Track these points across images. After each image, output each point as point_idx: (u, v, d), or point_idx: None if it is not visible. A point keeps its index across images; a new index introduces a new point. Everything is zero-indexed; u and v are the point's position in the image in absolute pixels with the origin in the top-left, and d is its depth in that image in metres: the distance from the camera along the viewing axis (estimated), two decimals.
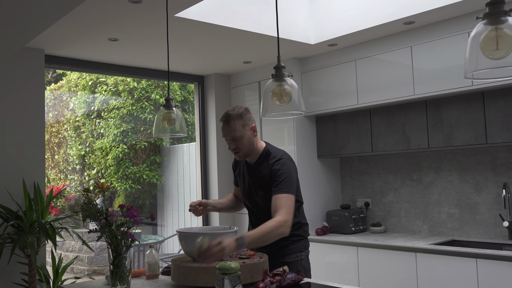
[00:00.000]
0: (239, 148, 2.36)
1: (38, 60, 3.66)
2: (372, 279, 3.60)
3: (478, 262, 3.04)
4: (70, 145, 8.77)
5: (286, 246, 2.39)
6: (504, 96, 3.27)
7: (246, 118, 2.37)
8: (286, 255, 2.39)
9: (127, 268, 2.07)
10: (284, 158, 2.38)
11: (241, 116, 2.35)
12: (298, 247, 2.43)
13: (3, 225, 3.31)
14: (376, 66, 3.85)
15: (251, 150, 2.40)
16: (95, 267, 7.48)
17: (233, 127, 2.33)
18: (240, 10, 3.47)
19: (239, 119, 2.34)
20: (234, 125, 2.33)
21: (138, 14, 3.02)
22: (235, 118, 2.34)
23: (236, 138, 2.34)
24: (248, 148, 2.38)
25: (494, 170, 3.57)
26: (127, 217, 2.06)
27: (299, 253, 2.42)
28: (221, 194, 4.77)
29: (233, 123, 2.33)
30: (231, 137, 2.35)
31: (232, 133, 2.33)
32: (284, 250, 2.39)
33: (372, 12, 3.55)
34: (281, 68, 1.95)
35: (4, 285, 3.35)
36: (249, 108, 2.53)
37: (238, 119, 2.34)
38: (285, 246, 2.39)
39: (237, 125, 2.33)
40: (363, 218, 4.23)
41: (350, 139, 4.18)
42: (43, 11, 2.61)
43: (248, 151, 2.39)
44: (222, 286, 1.76)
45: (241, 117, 2.35)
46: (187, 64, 4.47)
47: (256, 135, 2.42)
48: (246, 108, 2.41)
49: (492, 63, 1.38)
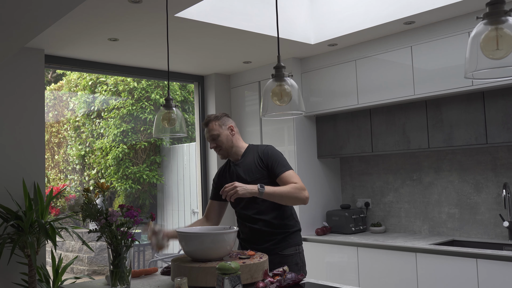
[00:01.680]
0: (219, 146, 2.59)
1: (38, 60, 3.66)
2: (372, 279, 3.60)
3: (478, 262, 3.04)
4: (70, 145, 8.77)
5: (284, 240, 2.52)
6: (504, 96, 3.27)
7: (223, 119, 2.63)
8: (285, 249, 2.51)
9: (127, 268, 2.06)
10: (271, 145, 2.63)
11: (217, 118, 2.62)
12: (296, 240, 2.57)
13: (3, 225, 3.30)
14: (376, 66, 3.85)
15: (230, 147, 2.61)
16: (95, 267, 7.48)
17: (211, 127, 2.60)
18: (240, 10, 3.47)
19: (215, 120, 2.61)
20: (212, 125, 2.60)
21: (138, 14, 3.02)
22: (212, 120, 2.61)
23: (214, 137, 2.59)
24: (227, 144, 2.60)
25: (494, 170, 3.56)
26: (127, 217, 2.06)
27: (297, 246, 2.56)
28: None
29: (210, 124, 2.60)
30: (210, 136, 2.59)
31: (210, 132, 2.59)
32: (283, 244, 2.51)
33: (372, 12, 3.55)
34: (281, 68, 1.94)
35: (4, 285, 3.35)
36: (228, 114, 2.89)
37: (214, 120, 2.61)
38: (283, 240, 2.52)
39: (214, 125, 2.59)
40: (363, 218, 4.22)
41: (350, 139, 4.17)
42: (43, 11, 2.61)
43: (228, 147, 2.60)
44: (222, 286, 1.76)
45: (218, 118, 2.62)
46: (187, 64, 4.46)
47: (235, 134, 2.64)
48: (225, 113, 2.69)
49: (492, 63, 1.38)
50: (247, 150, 2.63)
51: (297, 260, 2.53)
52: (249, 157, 2.59)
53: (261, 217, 2.51)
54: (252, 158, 2.58)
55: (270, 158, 2.52)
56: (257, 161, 2.55)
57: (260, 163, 2.53)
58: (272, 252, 2.47)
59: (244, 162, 2.59)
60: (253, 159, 2.56)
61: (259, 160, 2.55)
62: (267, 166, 2.51)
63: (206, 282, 1.96)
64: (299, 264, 2.53)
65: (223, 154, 2.63)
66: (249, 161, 2.58)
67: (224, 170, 2.71)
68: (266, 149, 2.58)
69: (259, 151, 2.58)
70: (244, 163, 2.59)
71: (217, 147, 2.60)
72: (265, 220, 2.51)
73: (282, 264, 2.45)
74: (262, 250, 2.49)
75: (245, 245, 2.62)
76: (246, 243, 2.61)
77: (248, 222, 2.56)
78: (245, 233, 2.62)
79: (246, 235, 2.60)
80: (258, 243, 2.53)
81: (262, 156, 2.55)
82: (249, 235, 2.58)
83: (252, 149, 2.63)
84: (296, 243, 2.56)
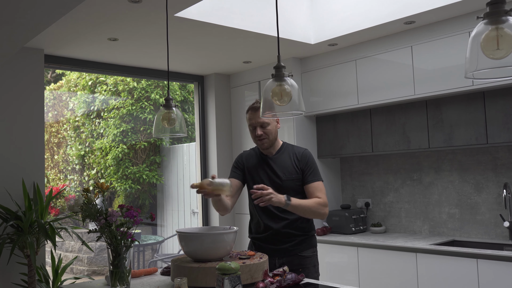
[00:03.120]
0: (266, 135, 2.51)
1: (37, 60, 3.65)
2: (373, 280, 3.59)
3: (479, 262, 3.04)
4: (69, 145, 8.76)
5: (304, 242, 2.54)
6: (505, 96, 3.27)
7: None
8: (304, 250, 2.53)
9: (127, 268, 2.06)
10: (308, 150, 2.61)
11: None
12: (313, 243, 2.59)
13: (2, 225, 3.30)
14: (376, 66, 3.84)
15: (275, 139, 2.55)
16: (95, 267, 7.47)
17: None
18: (240, 10, 3.47)
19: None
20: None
21: (137, 14, 3.02)
22: None
23: (264, 125, 2.50)
24: (273, 136, 2.54)
25: (495, 170, 3.56)
26: (126, 217, 2.06)
27: (314, 248, 2.58)
28: None
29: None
30: (260, 122, 2.49)
31: (261, 118, 2.47)
32: (303, 245, 2.53)
33: (372, 12, 3.54)
34: (281, 68, 1.94)
35: (3, 285, 3.35)
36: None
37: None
38: (303, 242, 2.53)
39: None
40: (363, 218, 4.22)
41: (350, 139, 4.17)
42: (42, 10, 2.61)
43: (273, 139, 2.54)
44: (222, 286, 1.75)
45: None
46: (187, 64, 4.46)
47: (279, 127, 2.59)
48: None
49: (492, 63, 1.38)
50: (283, 147, 2.60)
51: (315, 262, 2.56)
52: (284, 155, 2.56)
53: (286, 216, 2.49)
54: (288, 156, 2.55)
55: (307, 163, 2.51)
56: (294, 161, 2.53)
57: (297, 164, 2.52)
58: (291, 253, 2.48)
59: (280, 158, 2.56)
60: (289, 158, 2.54)
61: (296, 160, 2.53)
62: (302, 169, 2.51)
63: (206, 282, 1.96)
64: (316, 265, 2.56)
65: (268, 144, 2.54)
66: (285, 159, 2.54)
67: (253, 158, 2.62)
68: (305, 153, 2.55)
69: (297, 152, 2.55)
70: (279, 159, 2.56)
71: (263, 136, 2.51)
72: (289, 220, 2.49)
73: (302, 265, 2.47)
74: (281, 251, 2.48)
75: (259, 245, 2.55)
76: (261, 242, 2.55)
77: (270, 221, 2.50)
78: (260, 232, 2.56)
79: (262, 234, 2.55)
80: (276, 243, 2.50)
81: (300, 158, 2.52)
82: (267, 235, 2.53)
83: (288, 147, 2.60)
84: (314, 245, 2.58)
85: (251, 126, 2.54)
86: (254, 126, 2.52)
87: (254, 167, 2.59)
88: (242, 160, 2.66)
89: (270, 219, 2.51)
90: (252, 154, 2.65)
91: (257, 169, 2.56)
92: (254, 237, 2.61)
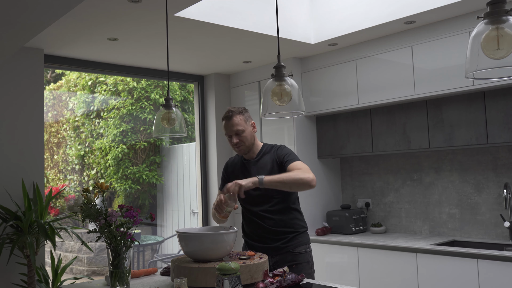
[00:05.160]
0: (242, 142, 2.52)
1: (37, 60, 3.65)
2: (373, 280, 3.59)
3: (479, 262, 3.03)
4: (69, 145, 8.76)
5: (295, 238, 2.52)
6: (505, 96, 3.26)
7: (247, 114, 2.56)
8: (297, 247, 2.52)
9: (127, 268, 2.06)
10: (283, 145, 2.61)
11: (242, 112, 2.54)
12: (306, 239, 2.58)
13: (2, 226, 3.30)
14: (376, 66, 3.84)
15: (252, 144, 2.56)
16: (95, 267, 7.47)
17: (236, 121, 2.51)
18: (240, 9, 3.47)
19: (240, 115, 2.53)
20: (237, 120, 2.51)
21: (137, 14, 3.01)
22: (237, 113, 2.52)
23: (239, 132, 2.51)
24: (250, 142, 2.54)
25: (495, 170, 3.56)
26: (126, 218, 2.05)
27: (307, 244, 2.57)
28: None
29: (235, 118, 2.51)
30: (235, 131, 2.51)
31: (235, 127, 2.50)
32: (294, 242, 2.51)
33: (373, 12, 3.54)
34: (281, 68, 1.94)
35: (3, 285, 3.34)
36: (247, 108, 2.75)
37: (239, 114, 2.53)
38: (294, 238, 2.52)
39: (239, 120, 2.52)
40: (363, 218, 4.22)
41: (351, 139, 4.17)
42: (42, 10, 2.60)
43: (250, 145, 2.55)
44: (222, 286, 1.75)
45: (242, 113, 2.54)
46: (187, 64, 4.46)
47: (255, 131, 2.59)
48: (245, 107, 2.61)
49: (493, 63, 1.37)
50: (263, 149, 2.60)
51: (308, 258, 2.55)
52: (264, 157, 2.56)
53: (272, 216, 2.50)
54: (268, 158, 2.55)
55: (282, 154, 2.51)
56: (274, 161, 2.52)
57: (277, 162, 2.51)
58: (284, 250, 2.48)
59: (260, 161, 2.56)
60: (269, 159, 2.54)
61: (276, 158, 2.52)
62: (280, 162, 2.50)
63: (206, 282, 1.95)
64: (310, 262, 2.55)
65: (244, 150, 2.55)
66: (265, 161, 2.54)
67: (236, 165, 2.65)
68: (280, 147, 2.57)
69: (274, 150, 2.56)
70: (259, 162, 2.56)
71: (240, 143, 2.52)
72: (276, 218, 2.50)
73: (295, 261, 2.47)
74: (273, 249, 2.48)
75: (252, 244, 2.57)
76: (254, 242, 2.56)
77: (260, 220, 2.52)
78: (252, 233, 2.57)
79: (254, 234, 2.57)
80: (267, 242, 2.51)
81: (277, 155, 2.53)
82: (258, 235, 2.55)
83: (267, 149, 2.59)
84: (306, 241, 2.58)
85: (227, 135, 2.56)
86: (229, 135, 2.54)
87: (235, 174, 2.62)
88: (227, 170, 2.71)
89: (259, 219, 2.53)
90: (236, 160, 2.69)
91: (239, 176, 2.57)
92: (246, 238, 2.64)
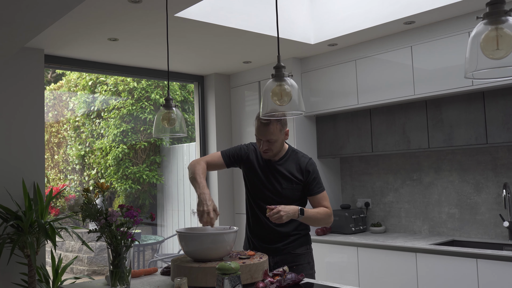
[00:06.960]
0: (271, 149, 2.44)
1: (37, 60, 3.65)
2: (372, 279, 3.59)
3: (479, 262, 3.04)
4: (69, 145, 8.76)
5: (297, 240, 2.53)
6: (505, 96, 3.27)
7: (284, 121, 2.44)
8: (298, 248, 2.53)
9: (127, 268, 2.06)
10: (312, 159, 2.56)
11: (280, 120, 2.40)
12: (307, 240, 2.58)
13: (2, 225, 3.30)
14: (376, 66, 3.84)
15: (278, 151, 2.49)
16: (95, 267, 7.47)
17: (272, 130, 2.39)
18: (240, 10, 3.47)
19: (278, 123, 2.40)
20: (273, 128, 2.39)
21: (138, 14, 3.02)
22: (275, 121, 2.38)
23: (271, 141, 2.41)
24: (278, 149, 2.47)
25: (495, 170, 3.56)
26: (126, 217, 2.06)
27: (308, 245, 2.58)
28: (221, 194, 4.77)
29: (272, 126, 2.39)
30: (267, 139, 2.40)
31: (269, 135, 2.39)
32: (295, 244, 2.52)
33: (372, 12, 3.55)
34: (281, 68, 1.94)
35: (3, 285, 3.35)
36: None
37: (277, 123, 2.39)
38: (295, 240, 2.53)
39: (275, 129, 2.40)
40: (363, 218, 4.22)
41: (350, 139, 4.17)
42: (42, 10, 2.61)
43: (276, 152, 2.48)
44: (222, 286, 1.75)
45: (280, 120, 2.40)
46: (187, 64, 4.46)
47: (287, 139, 2.52)
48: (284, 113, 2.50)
49: (492, 63, 1.38)
50: (287, 154, 2.53)
51: (309, 259, 2.56)
52: (289, 163, 2.50)
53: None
54: (292, 165, 2.49)
55: (311, 176, 2.48)
56: (297, 172, 2.48)
57: (299, 176, 2.48)
58: (284, 252, 2.49)
59: (284, 165, 2.50)
60: (293, 167, 2.49)
61: (299, 172, 2.48)
62: (306, 181, 2.48)
63: (206, 282, 1.96)
64: (310, 262, 2.56)
65: (270, 156, 2.49)
66: (289, 167, 2.49)
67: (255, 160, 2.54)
68: (309, 165, 2.49)
69: (301, 163, 2.49)
70: (283, 166, 2.50)
71: (268, 150, 2.44)
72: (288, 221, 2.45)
73: (296, 262, 2.48)
74: (274, 249, 2.48)
75: (253, 241, 2.57)
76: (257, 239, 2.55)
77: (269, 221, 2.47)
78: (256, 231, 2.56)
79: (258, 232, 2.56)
80: (269, 242, 2.52)
81: (304, 170, 2.48)
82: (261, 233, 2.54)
83: (292, 155, 2.53)
84: (307, 243, 2.58)
85: (258, 138, 2.46)
86: (260, 139, 2.45)
87: (253, 168, 2.54)
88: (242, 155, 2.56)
89: (267, 218, 2.50)
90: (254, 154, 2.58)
91: (259, 171, 2.52)
92: (250, 235, 2.61)
